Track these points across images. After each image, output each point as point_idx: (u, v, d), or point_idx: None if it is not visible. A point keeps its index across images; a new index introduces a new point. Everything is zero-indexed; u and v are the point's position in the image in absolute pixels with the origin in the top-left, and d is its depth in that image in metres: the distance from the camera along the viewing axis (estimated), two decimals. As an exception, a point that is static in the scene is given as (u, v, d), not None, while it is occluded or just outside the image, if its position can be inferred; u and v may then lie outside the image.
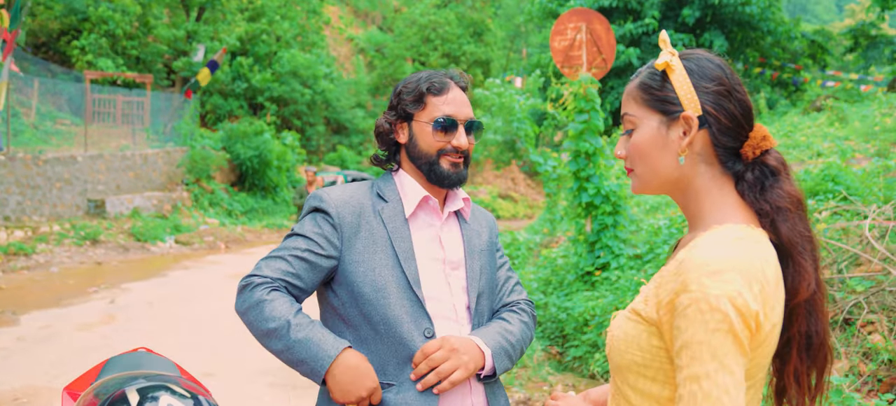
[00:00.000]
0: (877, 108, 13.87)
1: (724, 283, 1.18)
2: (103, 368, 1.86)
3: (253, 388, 6.13)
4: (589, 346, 6.56)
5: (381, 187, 1.98)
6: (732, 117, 1.36)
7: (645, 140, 1.40)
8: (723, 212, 1.36)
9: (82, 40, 25.28)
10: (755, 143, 1.37)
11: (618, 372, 1.39)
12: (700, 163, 1.38)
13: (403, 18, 39.32)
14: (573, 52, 8.11)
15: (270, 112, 29.28)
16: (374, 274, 1.86)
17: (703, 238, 1.30)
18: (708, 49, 1.43)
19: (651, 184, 1.43)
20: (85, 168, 18.11)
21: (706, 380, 1.16)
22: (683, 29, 24.09)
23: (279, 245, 1.93)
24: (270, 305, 1.79)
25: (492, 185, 35.01)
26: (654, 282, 1.35)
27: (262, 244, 18.51)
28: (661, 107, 1.39)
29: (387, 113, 2.01)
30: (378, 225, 1.91)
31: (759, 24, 24.50)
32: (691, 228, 1.43)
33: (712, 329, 1.17)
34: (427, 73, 1.97)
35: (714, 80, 1.36)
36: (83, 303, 9.98)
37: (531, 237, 11.88)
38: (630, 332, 1.35)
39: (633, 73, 1.53)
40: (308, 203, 1.95)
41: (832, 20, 65.25)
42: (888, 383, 4.14)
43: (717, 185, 1.38)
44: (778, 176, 1.36)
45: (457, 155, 1.94)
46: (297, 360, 1.79)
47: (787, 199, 1.33)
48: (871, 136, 11.36)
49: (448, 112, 1.92)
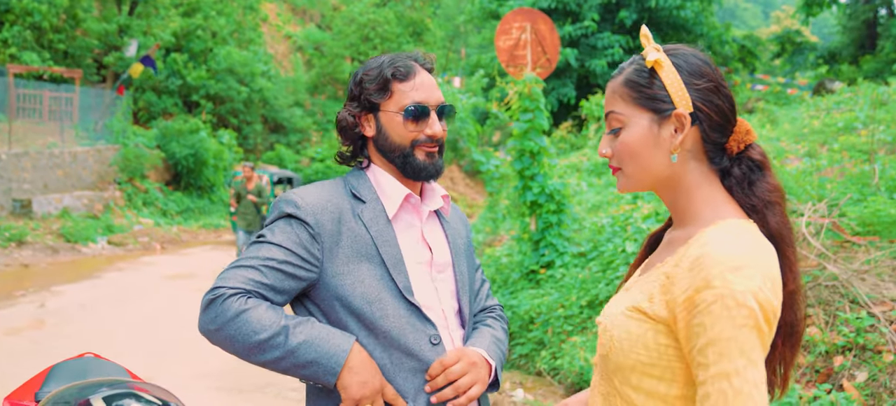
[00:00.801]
0: (805, 111, 14.42)
1: (748, 279, 1.18)
2: (48, 375, 1.76)
3: (196, 394, 5.96)
4: (535, 343, 6.61)
5: (355, 186, 1.78)
6: (721, 113, 1.36)
7: (636, 139, 1.37)
8: (717, 207, 1.36)
9: (5, 33, 24.18)
10: (740, 137, 1.38)
11: (618, 372, 1.35)
12: (690, 159, 1.37)
13: (342, 16, 38.97)
14: (518, 51, 8.16)
15: (206, 110, 28.58)
16: (364, 286, 1.68)
17: (711, 234, 1.28)
18: (693, 45, 1.42)
19: (642, 183, 1.40)
20: (9, 166, 17.35)
21: (736, 377, 1.15)
22: (621, 31, 24.58)
23: (246, 254, 1.68)
24: (254, 313, 1.58)
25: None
26: (657, 279, 1.33)
27: (198, 244, 18.07)
28: (651, 105, 1.36)
29: (349, 104, 1.81)
30: (360, 229, 1.72)
31: (693, 27, 25.22)
32: (681, 224, 1.41)
33: (740, 325, 1.16)
34: (389, 57, 1.78)
35: (703, 76, 1.36)
36: (10, 306, 9.54)
37: (474, 236, 11.91)
38: (634, 331, 1.32)
39: (616, 69, 1.49)
40: (279, 207, 1.73)
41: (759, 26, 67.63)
42: (825, 374, 4.28)
43: (707, 180, 1.38)
44: (763, 170, 1.37)
45: (432, 144, 1.77)
46: (302, 363, 1.60)
47: (774, 192, 1.35)
48: (800, 137, 11.78)
49: (418, 98, 1.74)
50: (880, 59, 25.49)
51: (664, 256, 1.40)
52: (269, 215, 1.78)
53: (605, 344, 1.38)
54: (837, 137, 10.65)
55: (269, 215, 1.78)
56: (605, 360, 1.38)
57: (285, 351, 1.59)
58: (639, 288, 1.38)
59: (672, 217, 1.47)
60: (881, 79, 19.44)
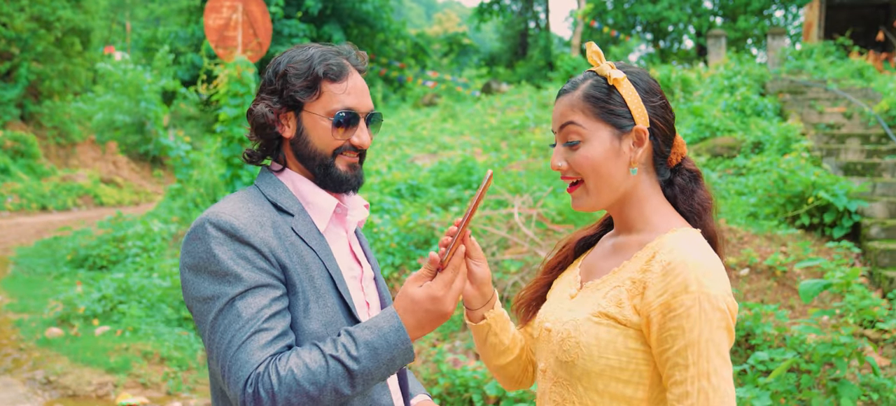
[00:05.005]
0: (481, 108, 15.82)
1: (718, 283, 1.28)
2: None
3: None
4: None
5: (274, 195, 1.55)
6: (670, 128, 1.45)
7: (597, 153, 1.40)
8: (666, 216, 1.44)
9: None
10: (678, 150, 1.48)
11: (585, 378, 1.36)
12: (643, 172, 1.44)
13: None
14: (228, 32, 7.71)
15: None
16: (322, 311, 1.47)
17: (672, 240, 1.35)
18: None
19: (604, 198, 1.43)
20: None
21: (715, 375, 1.25)
22: (306, 19, 24.59)
23: (226, 324, 1.37)
24: (299, 373, 1.32)
25: (91, 168, 31.59)
26: (620, 284, 1.37)
27: None
28: (612, 119, 1.40)
29: (267, 98, 1.56)
30: (302, 246, 1.49)
31: (375, 22, 26.22)
32: (628, 231, 1.47)
33: (716, 326, 1.26)
34: (319, 52, 1.56)
35: (656, 93, 1.44)
36: None
37: (163, 227, 10.99)
38: (603, 336, 1.34)
39: (568, 82, 1.48)
40: (206, 236, 1.41)
41: (423, 26, 72.53)
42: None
43: (654, 191, 1.46)
44: (698, 180, 1.49)
45: (354, 154, 1.58)
46: (381, 366, 1.38)
47: (709, 200, 1.47)
48: (481, 133, 12.89)
49: (350, 104, 1.54)
50: (531, 65, 29.19)
51: (618, 261, 1.44)
52: (192, 246, 1.43)
53: (570, 351, 1.38)
54: (515, 135, 11.88)
55: (192, 246, 1.43)
56: (568, 366, 1.38)
57: (358, 377, 1.36)
58: (600, 293, 1.40)
59: (616, 224, 1.52)
60: (533, 82, 22.11)
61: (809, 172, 6.54)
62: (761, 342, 4.57)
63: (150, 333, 6.35)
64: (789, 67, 13.00)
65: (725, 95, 10.76)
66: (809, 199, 6.24)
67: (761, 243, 5.94)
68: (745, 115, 9.94)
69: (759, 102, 10.21)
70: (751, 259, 5.60)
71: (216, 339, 1.36)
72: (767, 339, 4.59)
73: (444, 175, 8.90)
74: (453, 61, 33.89)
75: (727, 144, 8.88)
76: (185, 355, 6.01)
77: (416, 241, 6.84)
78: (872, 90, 10.44)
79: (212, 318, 1.38)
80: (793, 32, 26.28)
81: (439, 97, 19.78)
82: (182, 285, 1.45)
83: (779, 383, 3.90)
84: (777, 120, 9.73)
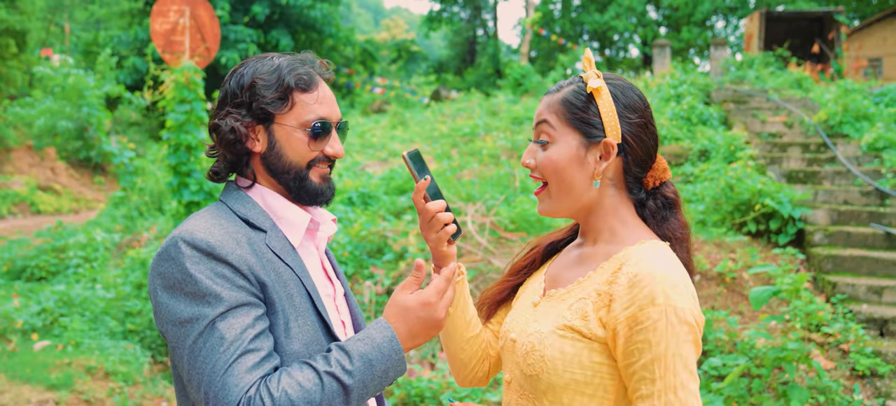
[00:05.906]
0: (430, 115, 15.79)
1: (685, 296, 1.27)
2: None
3: None
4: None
5: (244, 212, 1.47)
6: (646, 149, 1.43)
7: (562, 157, 1.39)
8: (635, 229, 1.42)
9: None
10: (657, 174, 1.46)
11: (550, 392, 1.34)
12: (610, 186, 1.43)
13: None
14: (175, 36, 7.52)
15: None
16: (302, 330, 1.41)
17: (639, 252, 1.33)
18: (624, 76, 1.46)
19: (563, 205, 1.42)
20: None
21: (682, 389, 1.23)
22: (253, 24, 24.24)
23: (209, 347, 1.28)
24: (293, 393, 1.26)
25: (28, 175, 30.51)
26: (586, 296, 1.35)
27: None
28: (582, 128, 1.39)
29: (234, 111, 1.47)
30: (278, 263, 1.43)
31: (323, 28, 26.00)
32: (594, 242, 1.45)
33: (683, 340, 1.24)
34: (285, 61, 1.49)
35: (636, 110, 1.42)
36: None
37: (106, 236, 10.65)
38: (568, 350, 1.33)
39: (555, 85, 1.47)
40: (180, 255, 1.33)
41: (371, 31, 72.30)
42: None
43: (623, 204, 1.44)
44: (674, 208, 1.46)
45: (326, 164, 1.53)
46: (376, 379, 1.34)
47: (683, 230, 1.44)
48: (432, 140, 12.87)
49: (322, 114, 1.48)
50: (480, 72, 29.33)
51: (583, 271, 1.42)
52: (164, 267, 1.34)
53: (534, 364, 1.36)
54: (465, 142, 11.89)
55: (164, 267, 1.34)
56: (534, 380, 1.36)
57: (353, 391, 1.32)
58: (565, 304, 1.38)
59: (582, 234, 1.50)
60: (482, 89, 22.23)
61: (755, 180, 6.70)
62: (713, 348, 4.65)
63: (93, 347, 6.13)
64: (732, 77, 13.36)
65: (672, 104, 10.98)
66: (756, 206, 6.39)
67: (711, 250, 6.06)
68: (691, 124, 10.15)
69: (704, 111, 10.45)
70: (701, 266, 5.70)
71: (198, 364, 1.28)
72: (719, 344, 4.67)
73: (395, 183, 8.86)
74: (402, 68, 33.87)
75: (675, 152, 9.07)
76: (131, 370, 5.82)
77: (369, 250, 6.77)
78: (811, 100, 10.80)
79: (191, 342, 1.29)
80: (734, 43, 27.05)
81: (389, 104, 19.72)
82: (154, 310, 1.36)
83: (732, 388, 3.97)
84: (722, 128, 9.97)
